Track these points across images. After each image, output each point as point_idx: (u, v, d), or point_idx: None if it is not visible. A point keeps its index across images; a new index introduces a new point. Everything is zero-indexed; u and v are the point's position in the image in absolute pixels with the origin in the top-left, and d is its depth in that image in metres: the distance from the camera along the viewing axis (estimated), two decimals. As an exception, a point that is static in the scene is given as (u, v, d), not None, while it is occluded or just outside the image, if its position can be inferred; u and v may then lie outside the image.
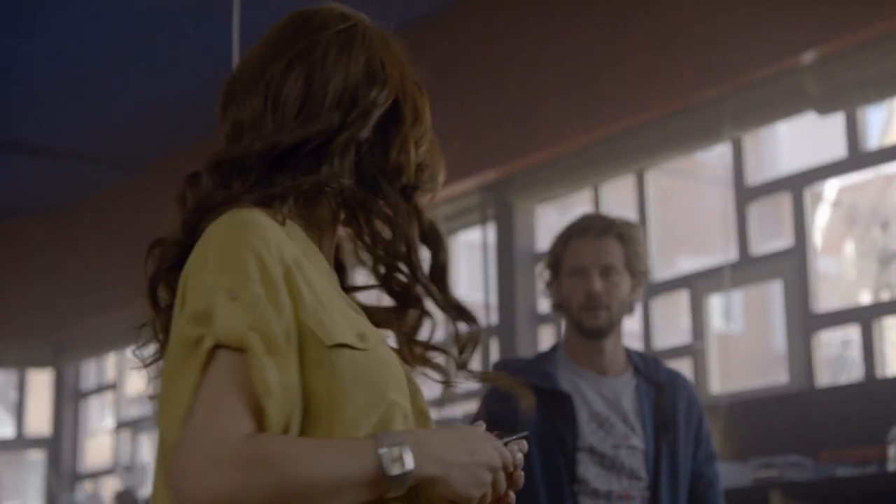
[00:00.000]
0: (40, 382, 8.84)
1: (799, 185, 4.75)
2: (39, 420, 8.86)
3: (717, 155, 5.48)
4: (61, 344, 8.51)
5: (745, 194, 4.91)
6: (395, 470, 1.28)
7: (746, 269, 4.82)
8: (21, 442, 8.75)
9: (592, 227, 2.90)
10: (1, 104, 6.92)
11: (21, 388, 8.81)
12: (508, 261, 5.78)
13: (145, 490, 7.44)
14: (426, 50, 6.06)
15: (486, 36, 5.81)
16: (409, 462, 1.30)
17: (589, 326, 2.86)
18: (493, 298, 5.84)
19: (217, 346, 1.30)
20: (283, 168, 1.47)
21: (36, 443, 8.76)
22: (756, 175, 4.97)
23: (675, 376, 2.96)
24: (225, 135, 1.58)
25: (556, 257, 2.93)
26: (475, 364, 1.56)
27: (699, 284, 5.01)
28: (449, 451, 1.36)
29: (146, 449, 8.09)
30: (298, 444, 1.29)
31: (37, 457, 8.87)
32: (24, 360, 8.63)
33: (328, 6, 1.61)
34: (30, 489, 9.16)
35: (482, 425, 1.45)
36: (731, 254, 4.85)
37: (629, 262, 2.89)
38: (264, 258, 1.35)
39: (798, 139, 5.74)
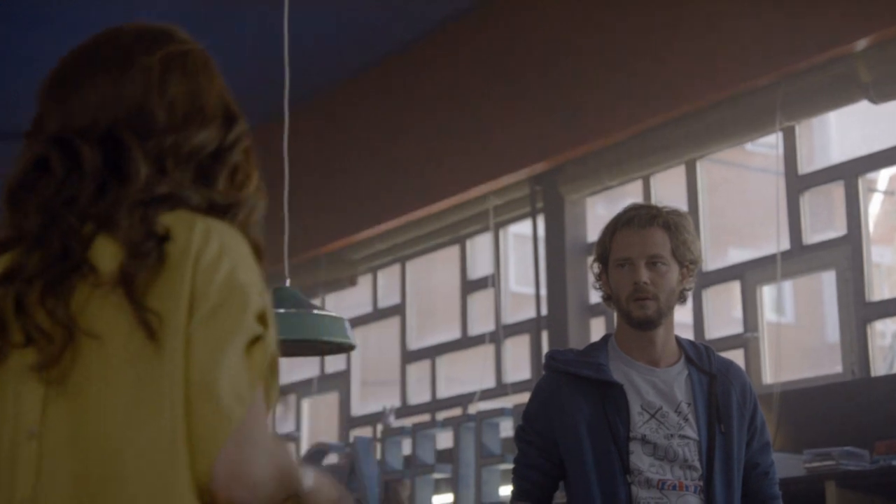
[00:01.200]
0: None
1: (852, 173, 4.71)
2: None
3: (768, 145, 5.44)
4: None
5: (798, 183, 4.87)
6: None
7: (798, 259, 4.79)
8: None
9: (638, 218, 2.89)
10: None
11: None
12: (559, 252, 5.78)
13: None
14: (474, 43, 6.07)
15: (535, 28, 5.81)
16: None
17: (637, 317, 2.86)
18: (544, 290, 5.85)
19: (257, 339, 1.42)
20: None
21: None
22: (808, 164, 4.93)
23: (729, 365, 2.95)
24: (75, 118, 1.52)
25: (604, 249, 2.93)
26: (526, 355, 1.58)
27: (751, 275, 4.99)
28: None
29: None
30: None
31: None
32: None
33: (178, 29, 1.64)
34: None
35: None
36: (784, 244, 4.82)
37: (676, 252, 2.87)
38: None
39: (850, 127, 5.68)
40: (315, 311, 3.50)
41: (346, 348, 3.61)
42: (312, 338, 3.44)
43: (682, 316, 4.70)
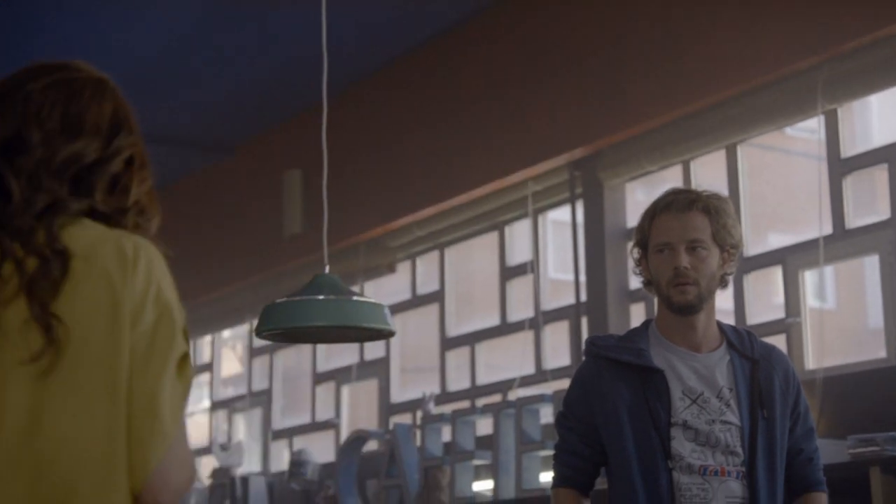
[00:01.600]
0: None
1: (895, 156, 4.65)
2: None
3: (809, 129, 5.38)
4: (157, 325, 8.63)
5: (840, 167, 4.82)
6: None
7: (841, 243, 4.74)
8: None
9: (677, 202, 2.87)
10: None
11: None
12: (598, 238, 5.75)
13: (242, 468, 7.56)
14: (514, 29, 6.05)
15: (575, 13, 5.78)
16: None
17: (678, 302, 2.84)
18: (583, 277, 5.83)
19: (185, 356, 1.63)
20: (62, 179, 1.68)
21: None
22: (850, 148, 4.88)
23: (771, 350, 2.92)
24: None
25: (643, 234, 2.90)
26: (565, 341, 1.65)
27: (793, 260, 4.95)
28: None
29: (241, 428, 8.22)
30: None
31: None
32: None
33: (80, 61, 1.83)
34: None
35: None
36: (826, 228, 4.78)
37: (717, 236, 2.84)
38: None
39: (892, 110, 5.62)
40: (355, 298, 3.50)
41: (385, 335, 3.61)
42: (352, 324, 3.45)
43: (723, 302, 4.66)
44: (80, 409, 1.55)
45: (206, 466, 8.23)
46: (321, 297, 3.43)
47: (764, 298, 5.32)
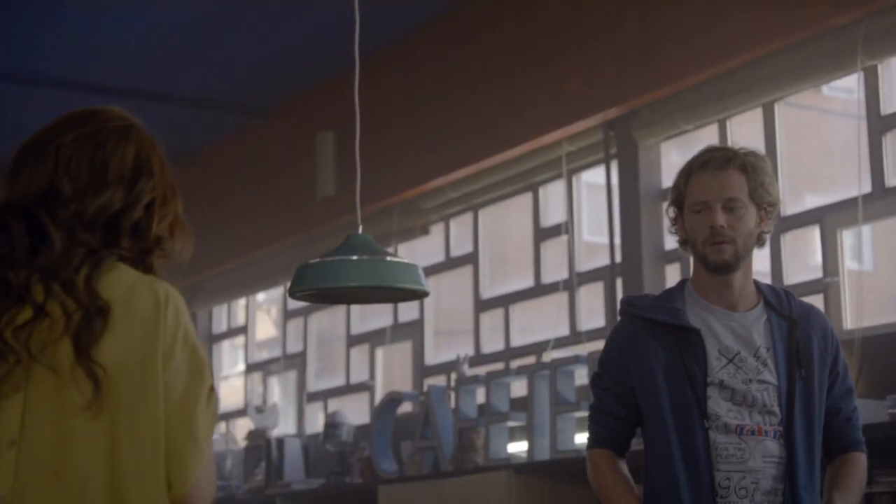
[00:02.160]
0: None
1: (936, 113, 4.58)
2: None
3: (846, 89, 5.31)
4: (194, 289, 8.69)
5: (880, 124, 4.76)
6: None
7: (881, 201, 4.68)
8: (157, 384, 8.97)
9: (714, 160, 2.83)
10: (128, 54, 7.05)
11: (155, 332, 9.02)
12: (632, 199, 5.71)
13: (277, 430, 7.60)
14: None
15: (608, -30, 5.71)
16: None
17: (714, 261, 2.81)
18: (618, 238, 5.79)
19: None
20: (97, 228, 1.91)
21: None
22: (890, 105, 4.81)
23: (809, 309, 2.89)
24: (23, 190, 1.92)
25: (679, 193, 2.87)
26: (600, 303, 1.74)
27: (830, 219, 4.89)
28: None
29: (276, 390, 8.26)
30: None
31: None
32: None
33: (111, 107, 2.03)
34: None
35: None
36: (865, 187, 4.72)
37: (754, 194, 2.80)
38: None
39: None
40: (388, 258, 3.48)
41: (419, 295, 3.59)
42: (386, 284, 3.43)
43: (760, 264, 4.63)
44: (113, 440, 1.79)
45: (242, 428, 8.28)
46: (355, 257, 3.42)
47: (801, 260, 5.27)
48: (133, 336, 1.82)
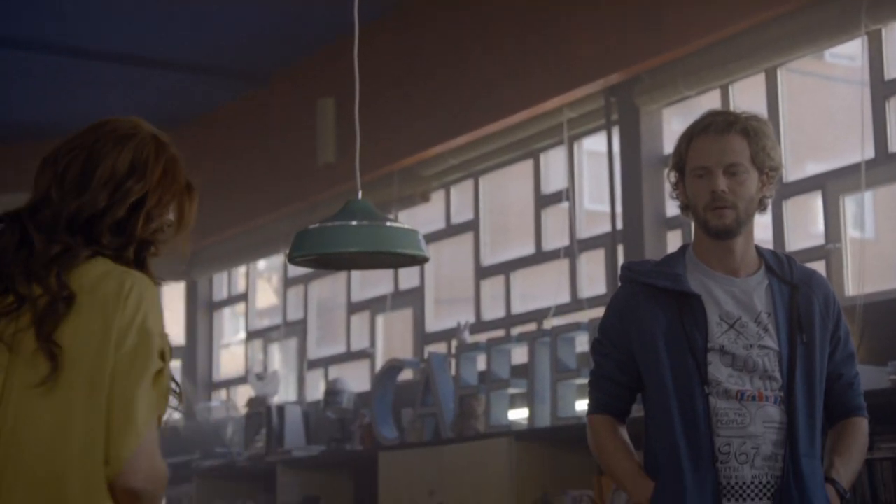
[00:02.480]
0: (174, 294, 9.05)
1: (940, 78, 4.55)
2: (174, 331, 9.09)
3: (849, 56, 5.27)
4: (194, 256, 8.67)
5: (883, 89, 4.72)
6: None
7: (884, 167, 4.66)
8: (157, 352, 8.97)
9: (715, 124, 2.80)
10: (127, 20, 7.01)
11: (155, 299, 9.01)
12: (634, 165, 5.68)
13: (277, 398, 7.61)
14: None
15: (610, -66, 5.66)
16: None
17: (715, 226, 2.79)
18: (619, 206, 5.76)
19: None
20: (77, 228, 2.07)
21: (172, 352, 8.98)
22: (894, 69, 4.77)
23: (811, 275, 2.87)
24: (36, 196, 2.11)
25: (681, 157, 2.85)
26: (601, 270, 1.75)
27: (833, 185, 4.86)
28: None
29: (277, 358, 8.26)
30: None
31: (172, 365, 9.10)
32: (158, 272, 8.79)
33: (129, 118, 2.19)
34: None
35: None
36: (868, 152, 4.69)
37: (756, 158, 2.78)
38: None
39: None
40: (388, 224, 3.47)
41: (419, 261, 3.58)
42: (386, 250, 3.42)
43: (761, 232, 4.60)
44: (65, 414, 1.94)
45: (243, 396, 8.28)
46: (354, 222, 3.40)
47: (802, 228, 5.25)
48: (93, 321, 1.97)
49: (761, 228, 4.58)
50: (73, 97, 7.93)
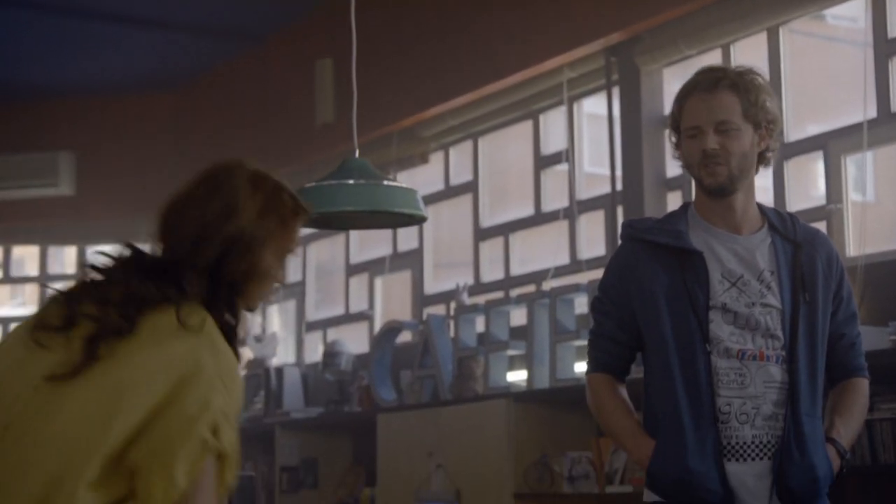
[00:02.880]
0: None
1: (944, 36, 4.50)
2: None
3: (851, 18, 5.22)
4: (191, 218, 8.63)
5: (886, 48, 4.67)
6: None
7: (886, 127, 4.62)
8: (155, 314, 8.96)
9: (702, 82, 2.76)
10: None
11: (154, 261, 9.00)
12: (634, 125, 5.64)
13: (276, 359, 7.60)
14: None
15: None
16: None
17: (709, 185, 2.76)
18: (619, 168, 5.72)
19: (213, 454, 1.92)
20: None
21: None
22: (896, 28, 4.72)
23: (815, 234, 2.84)
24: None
25: (675, 118, 2.82)
26: (601, 231, 1.74)
27: (835, 145, 4.83)
28: None
29: (275, 320, 8.24)
30: None
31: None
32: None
33: (230, 160, 2.19)
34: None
35: None
36: (870, 112, 4.65)
37: (748, 113, 2.73)
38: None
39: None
40: (385, 182, 3.43)
41: (417, 220, 3.55)
42: (383, 209, 3.38)
43: (761, 195, 4.56)
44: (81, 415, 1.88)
45: (241, 358, 8.25)
46: (351, 181, 3.37)
47: (803, 190, 5.21)
48: (151, 364, 1.92)
49: (762, 192, 4.53)
50: (69, 58, 7.87)
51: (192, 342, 1.95)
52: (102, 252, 2.10)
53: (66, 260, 9.31)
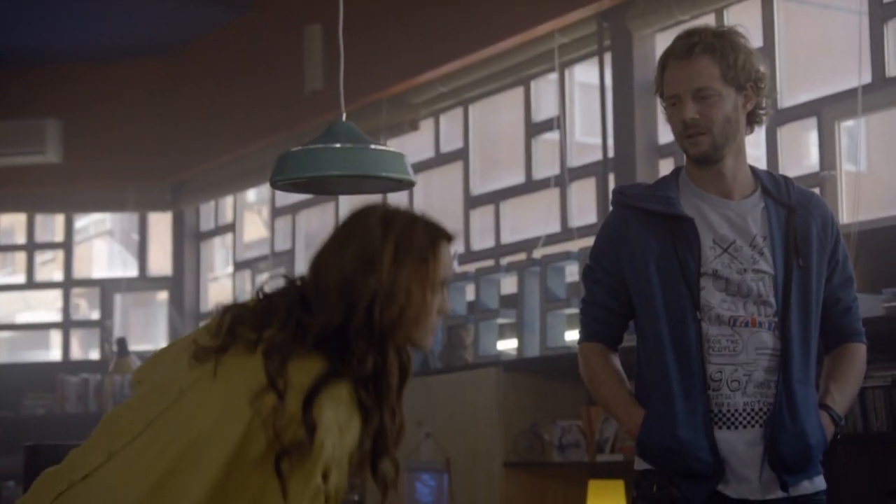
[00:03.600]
0: (161, 224, 8.97)
1: (940, 1, 4.44)
2: (162, 261, 9.02)
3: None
4: (180, 186, 8.58)
5: (881, 12, 4.62)
6: None
7: (881, 92, 4.57)
8: (144, 282, 8.93)
9: (676, 50, 2.70)
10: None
11: (142, 230, 8.95)
12: (627, 91, 5.58)
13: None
14: None
15: None
16: None
17: (693, 155, 2.70)
18: (611, 136, 5.67)
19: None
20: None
21: (159, 282, 8.93)
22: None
23: (809, 196, 2.78)
24: None
25: (658, 86, 2.76)
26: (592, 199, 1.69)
27: (829, 111, 4.77)
28: None
29: (266, 289, 8.18)
30: None
31: (161, 297, 9.07)
32: (144, 202, 8.74)
33: (370, 204, 2.11)
34: (155, 328, 9.39)
35: None
36: (865, 77, 4.59)
37: (727, 76, 2.66)
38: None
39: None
40: (373, 146, 3.38)
41: (405, 185, 3.49)
42: (371, 174, 3.33)
43: (753, 163, 4.51)
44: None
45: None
46: (338, 145, 3.31)
47: (795, 161, 5.16)
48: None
49: (754, 160, 4.48)
50: (56, 24, 7.78)
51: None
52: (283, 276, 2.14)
53: (55, 228, 9.25)
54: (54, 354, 9.20)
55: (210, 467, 1.89)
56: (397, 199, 6.94)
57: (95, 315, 8.95)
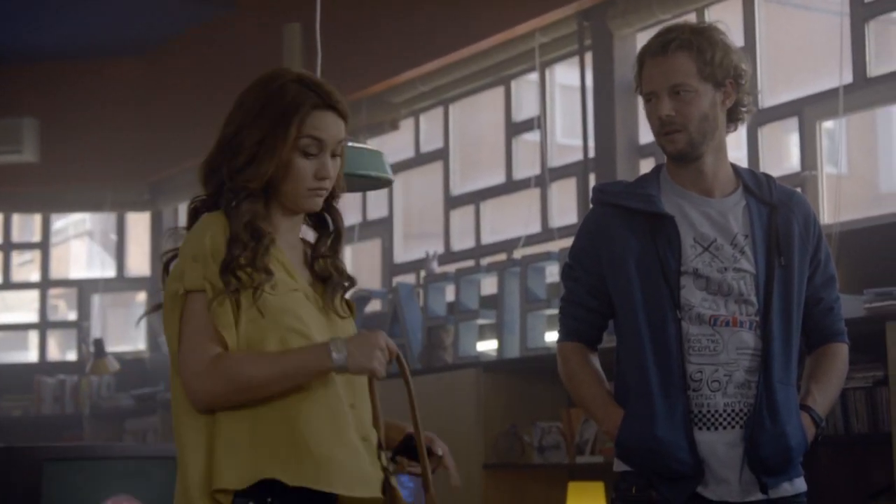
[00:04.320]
0: (140, 224, 8.91)
1: (923, 0, 4.43)
2: (140, 262, 8.95)
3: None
4: (159, 185, 8.52)
5: (863, 12, 4.60)
6: (337, 355, 2.15)
7: (862, 92, 4.55)
8: (122, 282, 8.86)
9: (652, 47, 2.67)
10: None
11: (120, 230, 8.89)
12: (607, 90, 5.56)
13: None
14: None
15: None
16: (343, 350, 2.16)
17: (669, 151, 2.68)
18: (591, 134, 5.64)
19: (187, 292, 2.13)
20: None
21: (137, 283, 8.87)
22: (874, -9, 4.65)
23: (791, 194, 2.75)
24: None
25: (637, 84, 2.74)
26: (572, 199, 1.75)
27: (810, 110, 4.76)
28: (356, 344, 2.20)
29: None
30: (247, 357, 2.11)
31: (140, 298, 9.00)
32: (122, 202, 8.68)
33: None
34: (134, 329, 9.32)
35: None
36: (846, 77, 4.58)
37: (704, 73, 2.63)
38: (217, 241, 2.16)
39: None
40: (351, 144, 3.33)
41: (384, 183, 3.46)
42: (349, 171, 3.27)
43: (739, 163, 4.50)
44: None
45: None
46: (315, 142, 3.26)
47: (776, 163, 5.15)
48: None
49: (733, 161, 4.48)
50: (33, 22, 7.72)
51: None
52: None
53: (33, 228, 9.17)
54: (31, 355, 9.13)
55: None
56: (375, 197, 6.91)
57: (73, 316, 8.88)
